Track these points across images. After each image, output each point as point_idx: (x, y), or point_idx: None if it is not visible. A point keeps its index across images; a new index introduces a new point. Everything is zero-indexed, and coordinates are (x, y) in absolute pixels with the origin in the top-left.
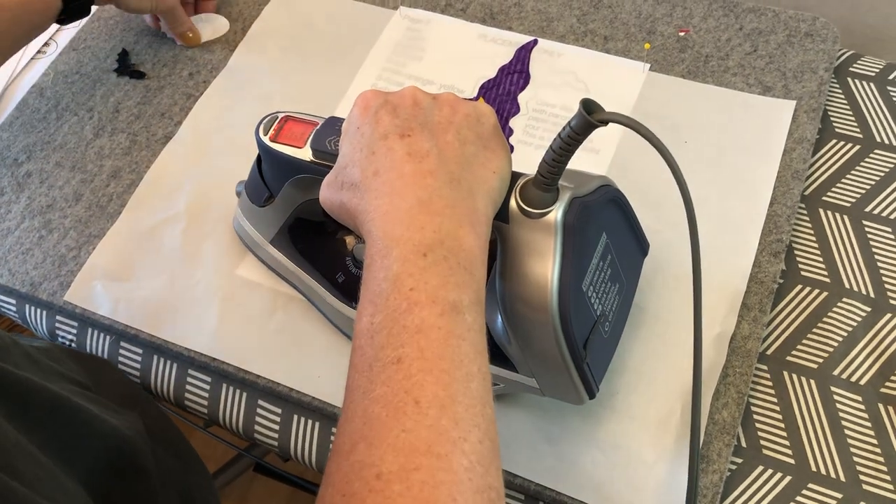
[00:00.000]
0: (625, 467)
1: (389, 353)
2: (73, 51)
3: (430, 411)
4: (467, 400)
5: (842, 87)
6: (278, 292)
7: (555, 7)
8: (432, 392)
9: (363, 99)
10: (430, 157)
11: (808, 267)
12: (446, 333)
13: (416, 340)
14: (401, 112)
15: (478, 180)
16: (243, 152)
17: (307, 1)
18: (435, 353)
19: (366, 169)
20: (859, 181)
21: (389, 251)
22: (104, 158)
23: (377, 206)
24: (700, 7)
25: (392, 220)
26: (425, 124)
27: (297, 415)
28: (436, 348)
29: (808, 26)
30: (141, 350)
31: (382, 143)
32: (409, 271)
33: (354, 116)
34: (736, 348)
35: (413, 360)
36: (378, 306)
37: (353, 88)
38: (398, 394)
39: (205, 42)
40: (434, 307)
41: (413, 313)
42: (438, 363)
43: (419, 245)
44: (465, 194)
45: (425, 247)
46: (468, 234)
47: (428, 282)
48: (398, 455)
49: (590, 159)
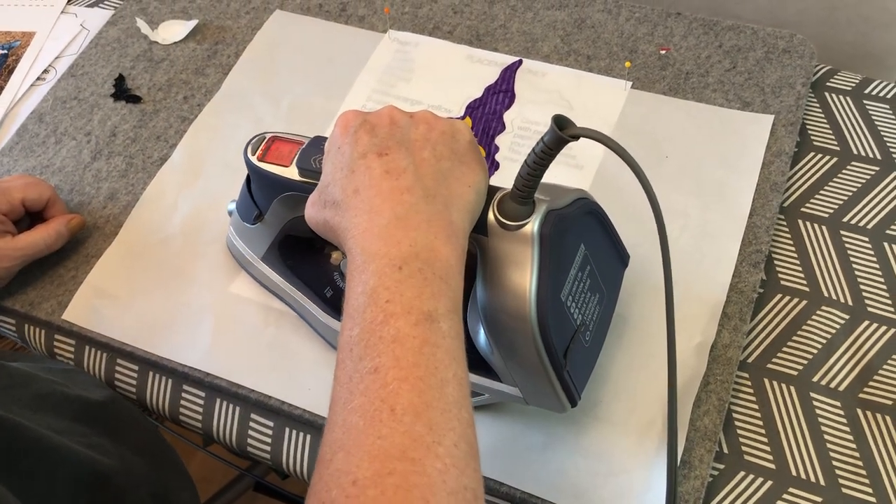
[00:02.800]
0: (607, 475)
1: (367, 364)
2: (72, 77)
3: (404, 418)
4: (442, 405)
5: (819, 102)
6: (270, 308)
7: (539, 28)
8: (407, 399)
9: (343, 119)
10: (406, 174)
11: (788, 276)
12: (421, 342)
13: (391, 350)
14: (378, 131)
15: (454, 195)
16: (237, 173)
17: (299, 25)
18: (410, 361)
19: (346, 187)
20: (837, 192)
21: (367, 266)
22: (101, 181)
23: (356, 223)
24: (680, 26)
25: (370, 236)
26: (402, 142)
27: (289, 428)
28: (411, 357)
29: (785, 43)
30: (136, 367)
31: (361, 161)
32: (385, 284)
33: (335, 136)
34: (717, 357)
35: (389, 369)
36: (356, 319)
37: (343, 110)
38: (374, 402)
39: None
40: (409, 317)
41: (389, 324)
42: (413, 371)
43: (395, 259)
44: (440, 208)
45: (401, 260)
46: (444, 246)
47: (403, 293)
48: (373, 461)
49: (573, 175)
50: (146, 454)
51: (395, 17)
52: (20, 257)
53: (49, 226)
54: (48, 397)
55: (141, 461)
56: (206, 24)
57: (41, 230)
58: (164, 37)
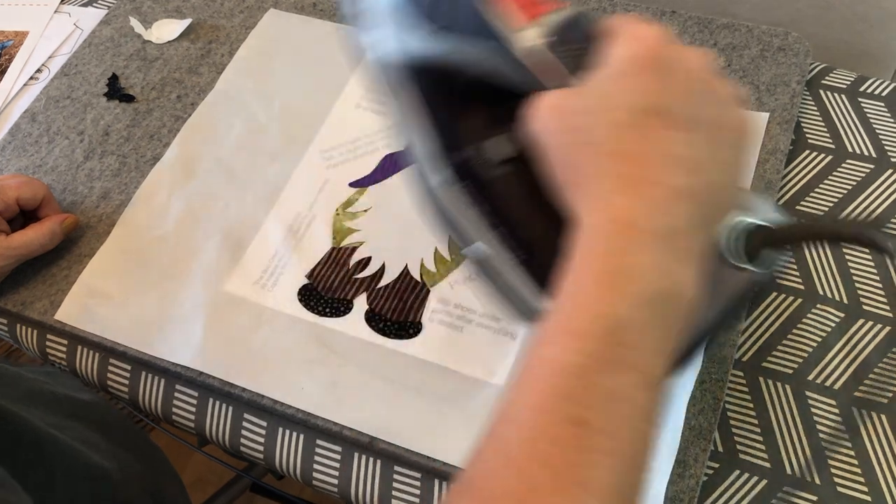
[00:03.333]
0: None
1: (571, 410)
2: (65, 76)
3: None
4: (636, 498)
5: (814, 100)
6: (263, 307)
7: None
8: (605, 480)
9: (645, 43)
10: (699, 173)
11: (783, 274)
12: (640, 412)
13: (607, 408)
14: (673, 87)
15: (716, 221)
16: (230, 172)
17: (293, 25)
18: (623, 435)
19: (614, 139)
20: (832, 190)
21: (613, 282)
22: (94, 180)
23: (610, 201)
24: (675, 24)
25: (625, 237)
26: (699, 122)
27: (283, 427)
28: (625, 428)
29: (780, 41)
30: (129, 366)
31: (643, 119)
32: (631, 319)
33: (628, 57)
34: (712, 355)
35: (595, 433)
36: (577, 340)
37: (337, 108)
38: (568, 466)
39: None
40: (638, 375)
41: (614, 374)
42: (622, 446)
43: (646, 290)
44: (705, 234)
45: (652, 294)
46: (692, 287)
47: (644, 344)
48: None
49: None
50: (138, 453)
51: None
52: (14, 256)
53: (43, 225)
54: (39, 394)
55: (134, 460)
56: (200, 23)
57: (35, 229)
58: (158, 36)
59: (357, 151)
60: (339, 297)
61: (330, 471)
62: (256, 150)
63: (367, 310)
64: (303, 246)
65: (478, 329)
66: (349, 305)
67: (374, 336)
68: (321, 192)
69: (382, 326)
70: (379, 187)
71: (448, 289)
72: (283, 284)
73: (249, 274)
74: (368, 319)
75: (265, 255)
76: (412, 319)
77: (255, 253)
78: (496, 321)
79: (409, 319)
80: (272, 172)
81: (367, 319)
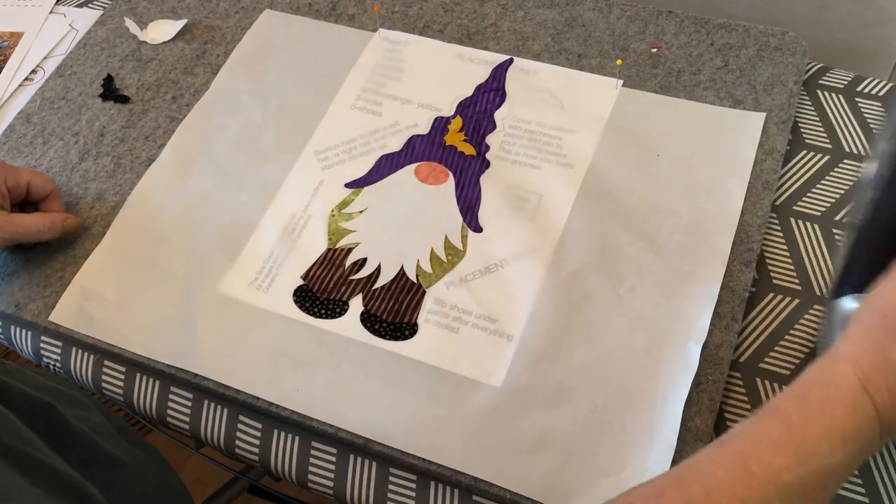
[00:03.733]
0: (599, 475)
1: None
2: (60, 77)
3: None
4: None
5: (811, 99)
6: (258, 309)
7: (530, 27)
8: None
9: None
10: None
11: (780, 275)
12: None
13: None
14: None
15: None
16: (225, 173)
17: (289, 24)
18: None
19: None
20: (829, 190)
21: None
22: (89, 181)
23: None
24: (672, 24)
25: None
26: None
27: (277, 430)
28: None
29: (777, 40)
30: (124, 368)
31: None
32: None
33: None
34: (708, 356)
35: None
36: (801, 466)
37: (332, 109)
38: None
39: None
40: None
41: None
42: None
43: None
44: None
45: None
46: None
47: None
48: None
49: (563, 173)
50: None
51: (385, 16)
52: (11, 233)
53: (46, 215)
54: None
55: (143, 455)
56: (195, 23)
57: (37, 216)
58: (153, 36)
59: (353, 152)
60: (334, 298)
61: (325, 473)
62: (252, 150)
63: (362, 311)
64: (298, 247)
65: (473, 330)
66: (345, 306)
67: (370, 337)
68: (317, 193)
69: (378, 327)
70: (374, 188)
71: (444, 290)
72: (278, 285)
73: (244, 275)
74: (364, 320)
75: (260, 257)
76: (408, 321)
77: (250, 254)
78: (492, 322)
79: (405, 321)
80: (267, 173)
81: (363, 320)
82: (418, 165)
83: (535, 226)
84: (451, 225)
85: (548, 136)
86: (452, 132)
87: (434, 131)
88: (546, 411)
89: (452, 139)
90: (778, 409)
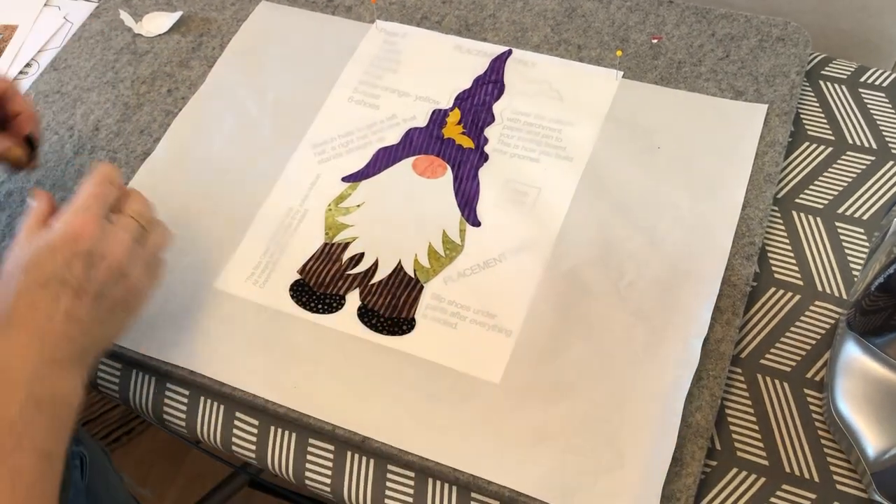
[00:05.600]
0: (598, 472)
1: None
2: (54, 70)
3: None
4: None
5: (814, 90)
6: (255, 305)
7: (529, 18)
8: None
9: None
10: (90, 330)
11: (782, 269)
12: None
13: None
14: (92, 275)
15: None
16: (220, 168)
17: (285, 16)
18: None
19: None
20: (832, 183)
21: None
22: (84, 176)
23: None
24: (673, 14)
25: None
26: (103, 297)
27: (274, 427)
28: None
29: (779, 31)
30: (120, 365)
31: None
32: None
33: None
34: (709, 351)
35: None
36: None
37: (329, 102)
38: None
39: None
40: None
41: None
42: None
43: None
44: (86, 363)
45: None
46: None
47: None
48: None
49: (563, 166)
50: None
51: (382, 8)
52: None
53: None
54: None
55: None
56: (191, 15)
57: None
58: (149, 29)
59: (350, 146)
60: (331, 292)
61: (322, 470)
62: (248, 144)
63: (359, 306)
64: (295, 241)
65: (471, 326)
66: (342, 301)
67: (367, 332)
68: (313, 187)
69: (375, 323)
70: (372, 182)
71: (442, 285)
72: (274, 280)
73: (240, 270)
74: (361, 315)
75: (256, 251)
76: (405, 316)
77: (246, 249)
78: (490, 318)
79: (403, 316)
80: (263, 167)
81: (360, 316)
82: (416, 159)
83: (533, 220)
84: (450, 219)
85: (547, 129)
86: (450, 125)
87: (432, 124)
88: (545, 407)
89: (450, 132)
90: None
